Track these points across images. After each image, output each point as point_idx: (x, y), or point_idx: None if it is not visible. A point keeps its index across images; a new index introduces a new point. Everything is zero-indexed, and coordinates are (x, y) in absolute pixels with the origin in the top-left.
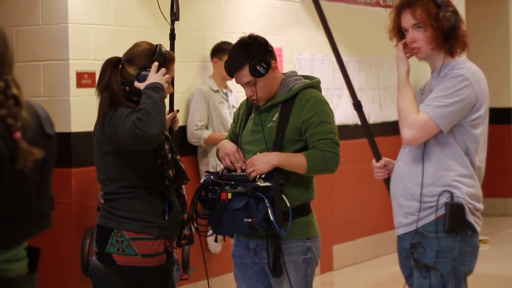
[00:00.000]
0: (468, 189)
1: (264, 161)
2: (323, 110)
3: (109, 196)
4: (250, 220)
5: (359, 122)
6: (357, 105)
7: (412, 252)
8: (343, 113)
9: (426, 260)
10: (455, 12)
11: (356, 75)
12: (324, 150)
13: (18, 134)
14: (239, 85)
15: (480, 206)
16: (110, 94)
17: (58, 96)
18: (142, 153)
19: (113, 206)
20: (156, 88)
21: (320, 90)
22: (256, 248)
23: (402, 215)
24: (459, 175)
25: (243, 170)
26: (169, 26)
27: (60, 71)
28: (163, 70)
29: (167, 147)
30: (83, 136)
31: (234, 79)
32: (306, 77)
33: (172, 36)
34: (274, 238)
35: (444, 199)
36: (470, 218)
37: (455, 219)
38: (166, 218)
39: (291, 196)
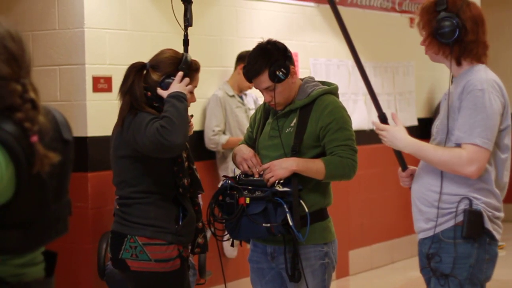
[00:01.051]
0: (486, 198)
1: (282, 167)
2: (341, 116)
3: (123, 200)
4: (268, 225)
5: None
6: (382, 118)
7: (429, 262)
8: (358, 118)
9: (443, 267)
10: (454, 19)
11: (372, 80)
12: (343, 156)
13: (35, 138)
14: (259, 92)
15: (500, 214)
16: (131, 98)
17: (74, 100)
18: (159, 158)
19: (126, 212)
20: (179, 97)
21: (337, 96)
22: (274, 253)
23: (423, 220)
24: (479, 187)
25: (260, 175)
26: (182, 28)
27: (76, 76)
28: (186, 80)
29: (184, 155)
30: (99, 140)
31: (253, 84)
32: (323, 83)
33: (186, 42)
34: (292, 243)
35: (463, 205)
36: (489, 225)
37: (473, 226)
38: (180, 223)
39: (308, 202)
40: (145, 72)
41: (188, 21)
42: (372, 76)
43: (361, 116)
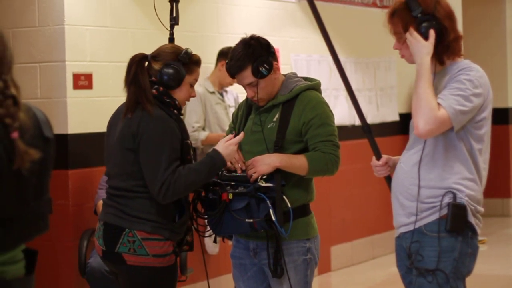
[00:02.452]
0: (470, 192)
1: (265, 162)
2: (324, 112)
3: (123, 192)
4: (251, 220)
5: (356, 123)
6: (367, 130)
7: (412, 261)
8: (340, 114)
9: (427, 262)
10: (433, 22)
11: (353, 76)
12: (325, 152)
13: (15, 134)
14: (237, 85)
15: (481, 208)
16: (136, 89)
17: (54, 97)
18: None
19: (125, 204)
20: (219, 167)
21: (320, 92)
22: (256, 249)
23: (405, 215)
24: (462, 178)
25: (243, 171)
26: (166, 28)
27: (57, 73)
28: (235, 141)
29: (191, 153)
30: (80, 137)
31: (235, 80)
32: (306, 78)
33: (171, 40)
34: (275, 239)
35: (447, 199)
36: (472, 219)
37: (457, 219)
38: (176, 220)
39: (291, 197)
40: (147, 64)
41: (175, 20)
42: (353, 71)
43: (342, 111)
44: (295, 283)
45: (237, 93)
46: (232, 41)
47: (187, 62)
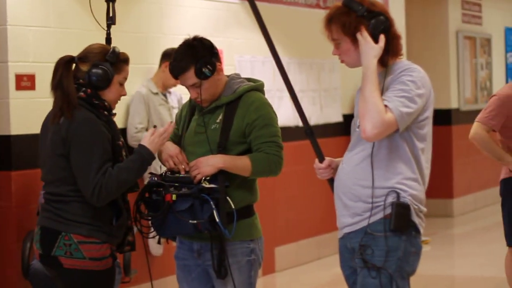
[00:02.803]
0: (413, 191)
1: (209, 164)
2: (267, 113)
3: (58, 197)
4: (195, 221)
5: (300, 124)
6: (309, 133)
7: (361, 252)
8: (284, 115)
9: (375, 260)
10: (381, 15)
11: (297, 76)
12: (269, 153)
13: None
14: (180, 86)
15: (424, 208)
16: (61, 94)
17: None
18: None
19: (61, 208)
20: (148, 162)
21: (263, 93)
22: (200, 250)
23: (349, 215)
24: (405, 178)
25: (186, 172)
26: (103, 28)
27: None
28: (162, 133)
29: (124, 153)
30: (23, 138)
31: (178, 81)
32: (249, 79)
33: (108, 40)
34: (219, 240)
35: (390, 198)
36: (415, 218)
37: (400, 218)
38: (114, 223)
39: (235, 198)
40: (74, 66)
41: (111, 19)
42: (297, 72)
43: (286, 112)
44: (239, 284)
45: (180, 94)
46: (176, 42)
47: (115, 61)
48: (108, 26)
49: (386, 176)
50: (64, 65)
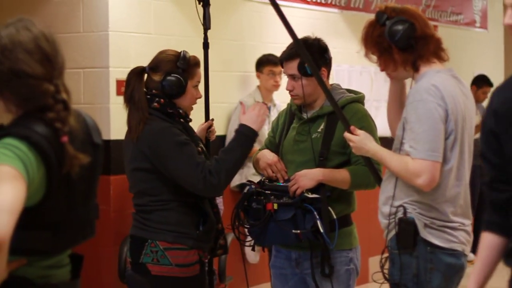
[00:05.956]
0: (422, 207)
1: (308, 177)
2: (369, 125)
3: (142, 207)
4: (298, 231)
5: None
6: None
7: (381, 267)
8: (381, 125)
9: (393, 277)
10: (404, 21)
11: (381, 85)
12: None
13: (65, 138)
14: (283, 98)
15: (452, 224)
16: (134, 106)
17: (98, 103)
18: None
19: (145, 217)
20: (249, 139)
21: (363, 105)
22: (299, 259)
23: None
24: (413, 196)
25: (285, 181)
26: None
27: (100, 79)
28: (258, 109)
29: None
30: (122, 143)
31: (283, 72)
32: (350, 91)
33: (206, 45)
34: (320, 249)
35: (399, 215)
36: (425, 233)
37: (404, 234)
38: (201, 228)
39: (335, 208)
40: (146, 77)
41: (207, 24)
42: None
43: (383, 122)
44: None
45: (280, 103)
46: (273, 51)
47: (187, 67)
48: (204, 31)
49: (399, 196)
50: (135, 77)
